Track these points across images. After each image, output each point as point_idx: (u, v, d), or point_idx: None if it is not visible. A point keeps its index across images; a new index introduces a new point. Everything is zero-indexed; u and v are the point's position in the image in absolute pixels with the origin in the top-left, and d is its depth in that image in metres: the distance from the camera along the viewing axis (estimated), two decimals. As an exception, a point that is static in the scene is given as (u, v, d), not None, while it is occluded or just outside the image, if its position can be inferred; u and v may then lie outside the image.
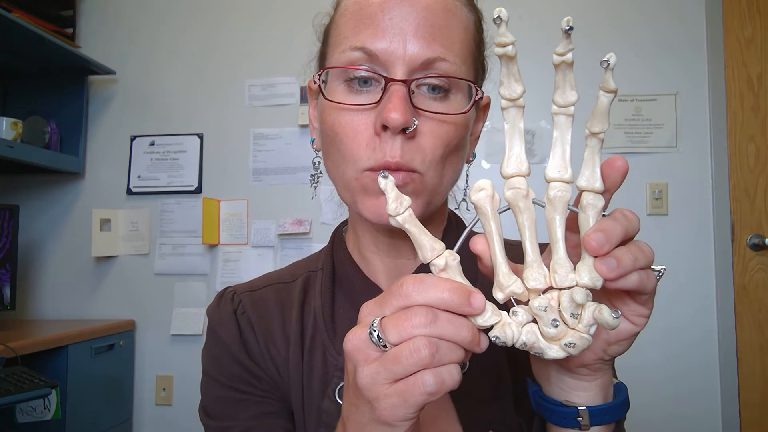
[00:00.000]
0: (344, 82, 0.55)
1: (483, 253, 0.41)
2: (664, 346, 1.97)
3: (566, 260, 0.40)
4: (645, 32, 2.08)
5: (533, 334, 0.40)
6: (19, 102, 2.24)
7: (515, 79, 0.41)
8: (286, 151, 2.22)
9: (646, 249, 0.40)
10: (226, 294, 0.67)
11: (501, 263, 0.41)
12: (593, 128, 0.41)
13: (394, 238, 0.61)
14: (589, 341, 0.40)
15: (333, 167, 0.58)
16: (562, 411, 0.47)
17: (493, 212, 0.41)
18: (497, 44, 0.39)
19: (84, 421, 1.85)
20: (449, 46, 0.54)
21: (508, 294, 0.40)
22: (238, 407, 0.61)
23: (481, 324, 0.40)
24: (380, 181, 0.41)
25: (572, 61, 0.39)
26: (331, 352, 0.60)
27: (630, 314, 0.44)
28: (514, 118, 0.41)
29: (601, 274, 0.39)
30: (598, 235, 0.38)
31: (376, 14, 0.53)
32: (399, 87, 0.51)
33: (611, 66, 0.38)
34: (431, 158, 0.53)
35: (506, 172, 0.42)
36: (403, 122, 0.50)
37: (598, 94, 0.40)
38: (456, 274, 0.41)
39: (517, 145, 0.42)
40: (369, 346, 0.39)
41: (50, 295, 2.27)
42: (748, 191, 2.03)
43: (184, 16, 2.32)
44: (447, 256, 0.41)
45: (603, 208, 0.41)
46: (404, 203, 0.41)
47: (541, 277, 0.40)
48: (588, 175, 0.41)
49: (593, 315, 0.39)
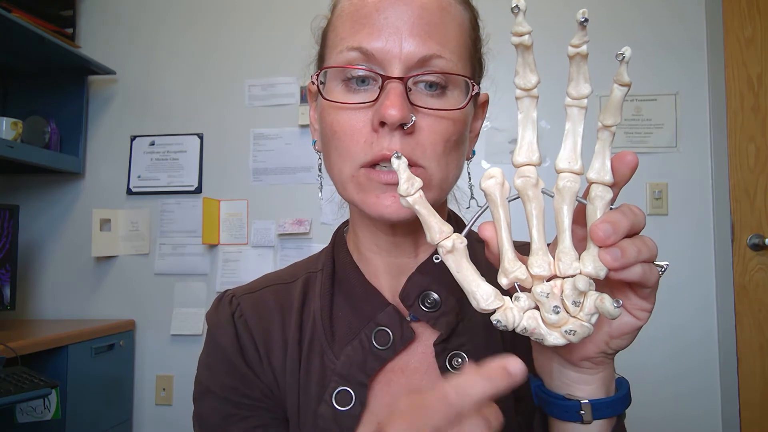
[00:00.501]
0: (342, 81, 0.55)
1: (491, 239, 0.42)
2: (664, 346, 1.97)
3: (571, 249, 0.41)
4: (645, 32, 2.08)
5: (534, 320, 0.41)
6: (19, 102, 2.24)
7: (530, 69, 0.41)
8: (286, 151, 2.22)
9: (650, 243, 0.41)
10: (225, 297, 0.67)
11: (507, 249, 0.41)
12: (606, 121, 0.41)
13: (394, 236, 0.61)
14: (590, 330, 0.40)
15: (332, 166, 0.58)
16: (564, 405, 0.48)
17: (502, 200, 0.42)
18: (514, 33, 0.39)
19: (84, 421, 1.85)
20: (445, 44, 0.54)
21: (512, 279, 0.41)
22: (229, 421, 0.61)
23: (484, 308, 0.41)
24: (393, 161, 0.42)
25: (587, 53, 0.39)
26: (329, 356, 0.60)
27: (632, 308, 0.44)
28: (528, 107, 0.42)
29: (605, 263, 0.39)
30: (605, 226, 0.39)
31: (372, 14, 0.54)
32: (396, 84, 0.52)
33: (626, 59, 0.39)
34: (431, 153, 0.54)
35: (517, 160, 0.42)
36: (400, 118, 0.50)
37: (612, 87, 0.40)
38: (462, 257, 0.42)
39: (529, 135, 0.42)
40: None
41: (50, 295, 2.27)
42: (748, 191, 2.03)
43: (184, 16, 2.32)
44: (455, 238, 0.42)
45: (611, 201, 0.41)
46: (415, 184, 0.42)
47: (546, 264, 0.41)
48: (598, 167, 0.41)
49: (594, 303, 0.40)
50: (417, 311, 0.59)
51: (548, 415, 0.50)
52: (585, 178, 0.42)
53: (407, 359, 0.60)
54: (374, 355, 0.58)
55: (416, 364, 0.60)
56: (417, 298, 0.59)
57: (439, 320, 0.59)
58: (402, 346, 0.59)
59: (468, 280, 0.42)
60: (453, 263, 0.42)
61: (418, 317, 0.60)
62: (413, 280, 0.60)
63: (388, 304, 0.60)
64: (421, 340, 0.60)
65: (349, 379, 0.58)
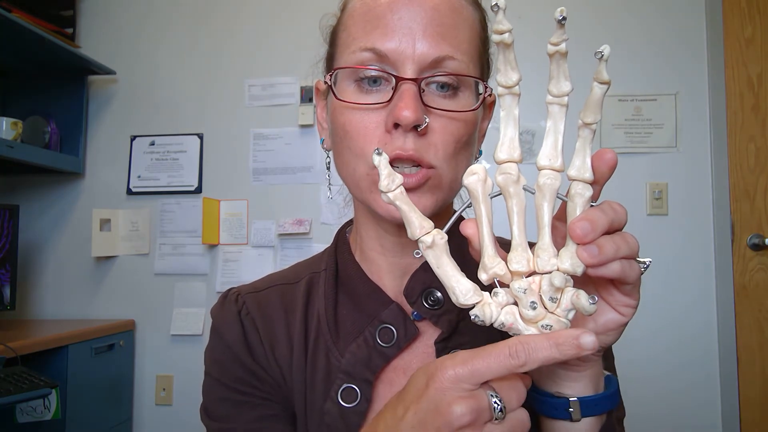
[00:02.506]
0: (354, 82, 0.56)
1: (472, 236, 0.43)
2: (664, 346, 1.97)
3: (550, 245, 0.41)
4: (645, 32, 2.08)
5: (512, 315, 0.41)
6: (19, 102, 2.24)
7: (512, 66, 0.41)
8: (286, 151, 2.22)
9: (630, 239, 0.41)
10: (230, 295, 0.67)
11: (487, 245, 0.42)
12: (586, 119, 0.41)
13: (400, 237, 0.61)
14: (567, 325, 0.41)
15: (344, 165, 0.59)
16: (552, 402, 0.48)
17: (484, 196, 0.42)
18: (495, 31, 0.40)
19: (84, 421, 1.85)
20: (457, 45, 0.55)
21: (491, 275, 0.42)
22: (240, 409, 0.61)
23: (463, 303, 0.42)
24: (374, 157, 0.42)
25: (566, 51, 0.40)
26: (333, 354, 0.61)
27: (616, 304, 0.45)
28: (510, 105, 0.42)
29: (582, 260, 0.40)
30: (583, 224, 0.39)
31: (385, 15, 0.54)
32: (410, 86, 0.52)
33: (605, 57, 0.39)
34: (443, 153, 0.54)
35: (499, 157, 0.43)
36: (414, 120, 0.51)
37: (592, 85, 0.41)
38: (443, 252, 0.42)
39: (510, 132, 0.43)
40: (484, 416, 0.40)
41: (50, 295, 2.28)
42: (748, 191, 2.03)
43: (185, 16, 2.32)
44: (435, 234, 0.42)
45: (591, 198, 0.42)
46: (396, 180, 0.42)
47: (524, 260, 0.41)
48: (578, 164, 0.42)
49: (571, 300, 0.40)
50: (420, 308, 0.60)
51: (537, 412, 0.50)
52: (566, 175, 0.42)
53: (409, 358, 0.60)
54: (379, 352, 0.59)
55: (418, 363, 0.60)
56: (420, 294, 0.60)
57: (441, 318, 0.59)
58: (406, 342, 0.59)
59: (447, 275, 0.42)
60: (433, 258, 0.43)
61: (421, 314, 0.60)
62: (417, 276, 0.61)
63: (391, 302, 0.61)
64: (424, 338, 0.61)
65: (355, 376, 0.58)
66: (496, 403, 0.39)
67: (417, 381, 0.42)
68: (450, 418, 0.38)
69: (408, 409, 0.41)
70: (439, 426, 0.39)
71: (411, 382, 0.42)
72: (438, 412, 0.39)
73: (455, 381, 0.39)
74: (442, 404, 0.39)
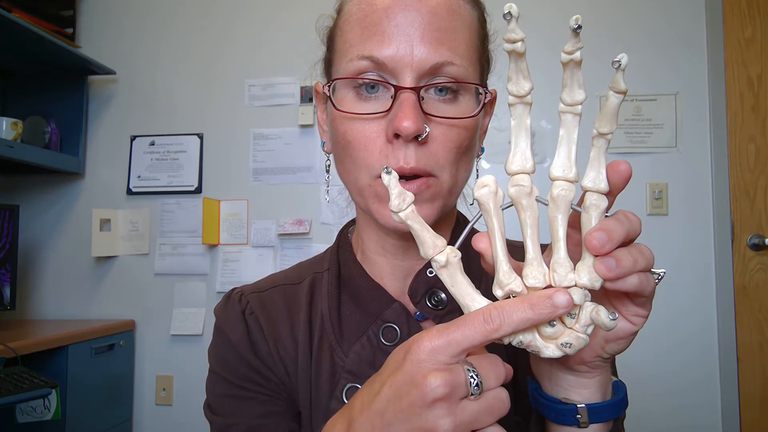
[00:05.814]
0: (353, 89, 0.55)
1: (485, 250, 0.42)
2: (664, 346, 1.97)
3: (566, 260, 0.40)
4: (645, 32, 2.08)
5: (530, 333, 0.40)
6: (19, 102, 2.24)
7: (524, 75, 0.40)
8: (286, 151, 2.22)
9: (646, 252, 0.41)
10: (234, 295, 0.68)
11: (502, 261, 0.41)
12: (602, 129, 0.40)
13: (403, 240, 0.61)
14: (586, 341, 0.40)
15: (346, 173, 0.59)
16: (560, 408, 0.48)
17: (495, 209, 0.41)
18: (506, 40, 0.39)
19: (84, 421, 1.85)
20: (456, 49, 0.54)
21: (507, 292, 0.41)
22: (245, 405, 0.61)
23: None
24: (383, 176, 0.41)
25: (581, 59, 0.39)
26: (338, 353, 0.61)
27: (628, 314, 0.44)
28: (521, 114, 0.41)
29: (600, 273, 0.39)
30: (600, 234, 0.38)
31: (382, 20, 0.53)
32: (409, 95, 0.52)
33: (623, 66, 0.38)
34: (444, 161, 0.54)
35: (511, 168, 0.42)
36: (415, 130, 0.50)
37: (608, 94, 0.40)
38: (457, 271, 0.41)
39: (522, 142, 0.42)
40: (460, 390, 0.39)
41: (50, 295, 2.27)
42: (748, 191, 2.03)
43: (185, 16, 2.31)
44: (448, 252, 0.41)
45: (606, 209, 0.41)
46: (407, 199, 0.41)
47: (541, 275, 0.40)
48: (593, 175, 0.41)
49: (590, 316, 0.39)
50: (423, 308, 0.60)
51: (545, 418, 0.50)
52: (580, 185, 0.41)
53: None
54: (383, 351, 0.59)
55: None
56: (424, 294, 0.60)
57: (444, 319, 0.59)
58: None
59: (463, 294, 0.41)
60: (448, 278, 0.42)
61: (425, 314, 0.60)
62: (421, 277, 0.61)
63: (393, 301, 0.61)
64: None
65: (359, 375, 0.58)
66: (472, 377, 0.38)
67: (395, 356, 0.41)
68: (425, 390, 0.37)
69: (384, 384, 0.40)
70: (414, 398, 0.38)
71: (390, 357, 0.42)
72: (413, 383, 0.38)
73: (432, 352, 0.38)
74: (418, 376, 0.38)
